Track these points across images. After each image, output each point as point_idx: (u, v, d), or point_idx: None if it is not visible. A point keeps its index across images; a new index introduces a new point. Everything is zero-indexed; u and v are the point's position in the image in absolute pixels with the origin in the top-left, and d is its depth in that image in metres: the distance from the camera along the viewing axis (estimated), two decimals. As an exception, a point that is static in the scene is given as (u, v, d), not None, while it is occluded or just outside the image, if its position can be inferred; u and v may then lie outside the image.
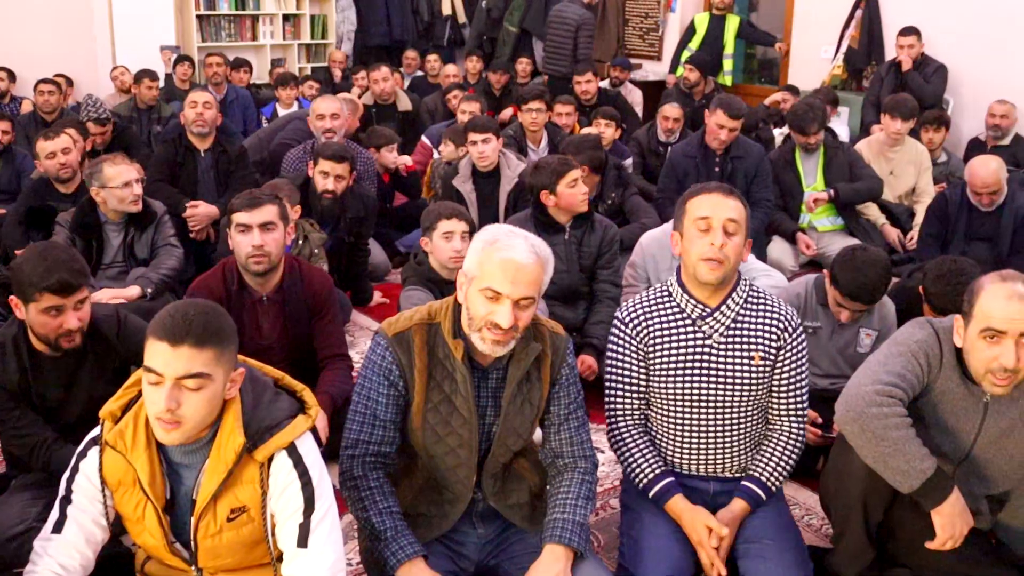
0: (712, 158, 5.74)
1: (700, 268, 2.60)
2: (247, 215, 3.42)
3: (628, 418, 2.78)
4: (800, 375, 2.73)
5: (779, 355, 2.69)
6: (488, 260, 2.31)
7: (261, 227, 3.41)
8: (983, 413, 2.53)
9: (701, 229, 2.59)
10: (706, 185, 2.69)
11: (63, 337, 2.75)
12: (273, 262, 3.43)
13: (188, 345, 2.04)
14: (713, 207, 2.59)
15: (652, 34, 10.34)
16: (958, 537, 2.45)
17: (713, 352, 2.67)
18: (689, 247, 2.63)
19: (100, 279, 4.45)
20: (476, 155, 5.52)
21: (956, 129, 7.00)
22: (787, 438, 2.76)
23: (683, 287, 2.70)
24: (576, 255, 4.34)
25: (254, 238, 3.39)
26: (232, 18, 10.36)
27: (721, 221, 2.57)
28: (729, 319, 2.67)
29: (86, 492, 2.20)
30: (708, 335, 2.67)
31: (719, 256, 2.56)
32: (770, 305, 2.72)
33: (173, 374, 2.04)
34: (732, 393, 2.68)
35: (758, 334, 2.68)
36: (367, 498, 2.41)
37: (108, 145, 6.45)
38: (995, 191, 5.10)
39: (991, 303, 2.40)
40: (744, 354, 2.67)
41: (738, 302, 2.68)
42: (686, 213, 2.65)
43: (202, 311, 2.11)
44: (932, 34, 7.65)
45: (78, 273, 2.75)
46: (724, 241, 2.56)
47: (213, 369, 2.08)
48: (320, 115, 5.85)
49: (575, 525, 2.46)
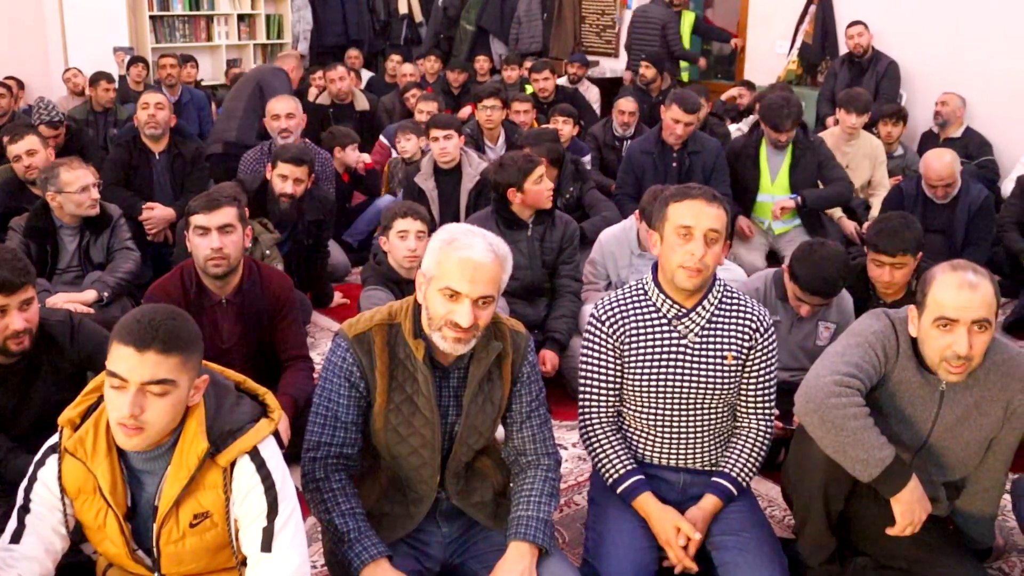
0: (670, 153, 5.77)
1: (679, 275, 2.60)
2: (205, 217, 3.40)
3: (601, 414, 2.79)
4: (769, 374, 2.76)
5: (750, 354, 2.72)
6: (446, 259, 2.31)
7: (220, 229, 3.38)
8: (939, 401, 2.57)
9: (681, 235, 2.59)
10: (689, 190, 2.66)
11: (10, 339, 2.70)
12: (232, 264, 3.41)
13: (154, 351, 2.02)
14: (696, 216, 2.57)
15: (609, 31, 10.38)
16: (917, 523, 2.49)
17: (688, 351, 2.69)
18: (669, 253, 2.62)
19: (56, 284, 4.40)
20: (438, 152, 5.51)
21: (910, 122, 7.11)
22: (756, 434, 2.78)
23: (659, 287, 2.71)
24: (539, 251, 4.35)
25: (212, 240, 3.36)
26: (186, 19, 10.26)
27: (703, 231, 2.57)
28: (704, 319, 2.69)
29: (45, 501, 2.18)
30: (683, 335, 2.69)
31: (699, 265, 2.57)
32: (743, 305, 2.74)
33: (138, 379, 2.02)
34: (704, 391, 2.70)
35: (731, 334, 2.70)
36: (330, 500, 2.40)
37: (61, 149, 6.35)
38: (949, 183, 5.18)
39: (943, 292, 2.44)
40: (718, 354, 2.69)
41: (713, 303, 2.70)
42: (667, 218, 2.63)
43: (169, 317, 2.10)
44: (883, 29, 7.77)
45: (20, 272, 2.71)
46: (704, 251, 2.57)
47: (178, 376, 2.06)
48: (275, 115, 5.80)
49: (539, 522, 2.47)
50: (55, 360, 2.84)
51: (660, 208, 2.67)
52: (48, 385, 2.82)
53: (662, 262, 2.67)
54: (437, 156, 5.53)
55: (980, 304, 2.41)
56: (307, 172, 4.86)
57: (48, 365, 2.83)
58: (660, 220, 2.66)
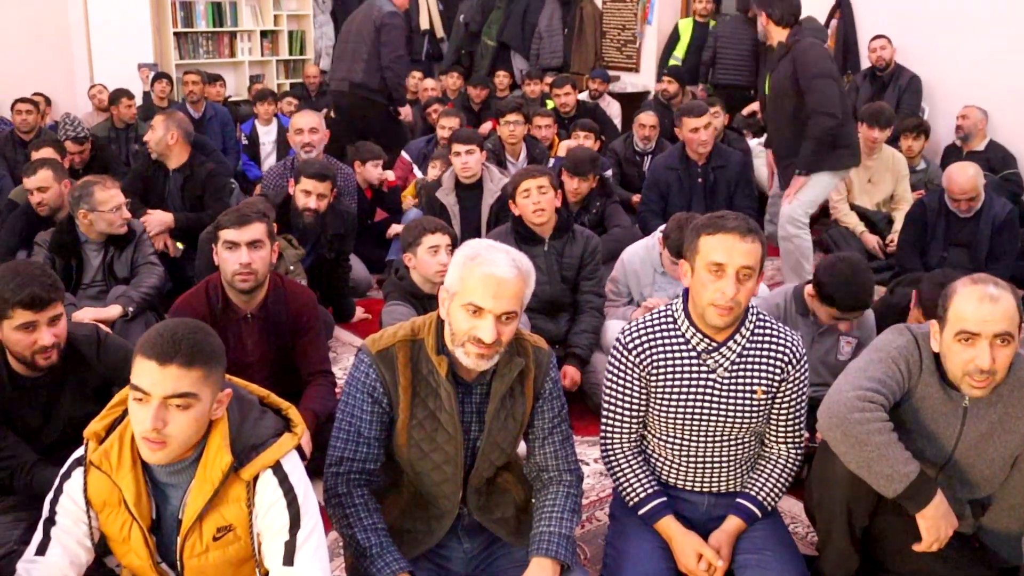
0: (694, 169, 5.77)
1: (709, 312, 2.54)
2: (235, 233, 3.42)
3: (623, 438, 2.77)
4: (800, 403, 2.71)
5: (781, 386, 2.67)
6: (470, 275, 2.31)
7: (249, 245, 3.40)
8: (963, 417, 2.55)
9: (713, 272, 2.51)
10: (723, 221, 2.53)
11: (38, 354, 2.73)
12: (259, 280, 3.43)
13: (176, 364, 2.04)
14: (728, 253, 2.48)
15: (630, 46, 10.39)
16: (943, 539, 2.47)
17: (716, 386, 2.64)
18: (700, 289, 2.54)
19: (80, 299, 4.43)
20: (459, 167, 5.53)
21: (932, 136, 7.09)
22: (784, 460, 2.75)
23: (690, 318, 2.64)
24: (557, 267, 4.35)
25: (242, 256, 3.38)
26: (210, 35, 10.36)
27: (735, 268, 2.48)
28: (735, 354, 2.63)
29: (70, 513, 2.19)
30: (712, 369, 2.64)
31: (730, 304, 2.50)
32: (776, 336, 2.67)
33: (160, 393, 2.04)
34: (732, 424, 2.67)
35: (762, 368, 2.64)
36: (352, 515, 2.41)
37: (86, 165, 6.43)
38: (973, 197, 5.16)
39: (964, 306, 2.43)
40: (747, 388, 2.64)
41: (745, 335, 2.64)
42: (699, 251, 2.54)
43: (191, 331, 2.11)
44: (905, 44, 7.74)
45: (50, 288, 2.74)
46: (736, 289, 2.49)
47: (200, 389, 2.07)
48: (299, 129, 5.83)
49: (561, 538, 2.46)
50: (81, 374, 2.86)
51: (692, 238, 2.58)
52: (73, 399, 2.84)
53: (693, 295, 2.60)
54: (459, 171, 5.55)
55: (1002, 317, 2.39)
56: (330, 187, 4.89)
57: (74, 379, 2.85)
58: (691, 251, 2.58)
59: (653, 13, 10.09)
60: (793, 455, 2.76)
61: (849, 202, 6.41)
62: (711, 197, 5.67)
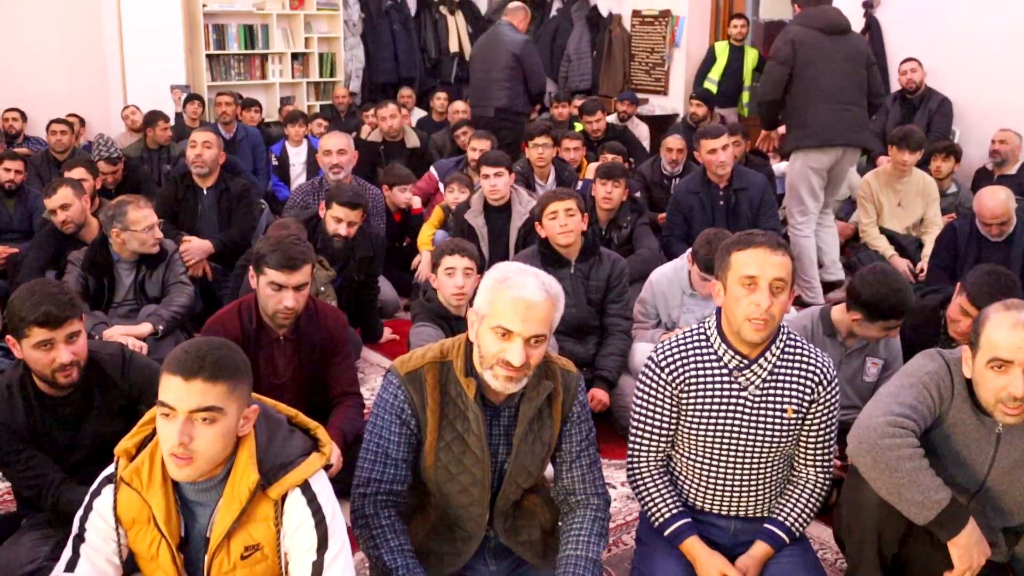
0: (716, 192, 5.76)
1: (745, 328, 2.53)
2: (284, 277, 3.36)
3: (650, 458, 2.75)
4: (831, 426, 2.69)
5: (811, 407, 2.65)
6: (499, 298, 2.31)
7: (295, 288, 3.39)
8: (996, 444, 2.53)
9: (746, 285, 2.51)
10: (752, 237, 2.57)
11: (58, 372, 2.74)
12: (298, 314, 3.44)
13: (201, 379, 2.06)
14: (760, 265, 2.50)
15: (658, 69, 10.41)
16: (975, 568, 2.43)
17: (747, 404, 2.63)
18: (733, 305, 2.54)
19: (112, 317, 4.48)
20: (488, 189, 5.55)
21: (963, 159, 7.02)
22: (813, 485, 2.72)
23: (722, 335, 2.64)
24: (583, 289, 4.34)
25: (287, 299, 3.36)
26: (242, 57, 10.46)
27: (768, 280, 2.49)
28: (766, 371, 2.62)
29: (100, 530, 2.21)
30: (744, 387, 2.63)
31: (765, 316, 2.50)
32: (807, 356, 2.66)
33: (186, 407, 2.06)
34: (761, 444, 2.65)
35: (793, 387, 2.63)
36: (379, 536, 2.41)
37: (119, 185, 6.50)
38: (1004, 221, 5.12)
39: (997, 333, 2.40)
40: (778, 407, 2.63)
41: (775, 353, 2.62)
42: (730, 267, 2.56)
43: (216, 347, 2.13)
44: (936, 66, 7.70)
45: (65, 305, 2.75)
46: (770, 301, 2.50)
47: (225, 403, 2.09)
48: (327, 151, 5.87)
49: (588, 561, 2.46)
50: (107, 393, 2.88)
51: (722, 256, 2.60)
52: (100, 417, 2.86)
53: (727, 313, 2.59)
54: (487, 193, 5.57)
55: (1036, 344, 2.37)
56: (361, 214, 4.89)
57: (100, 398, 2.87)
58: (723, 269, 2.58)
59: (682, 36, 10.11)
60: (822, 479, 2.73)
61: (879, 225, 6.37)
62: (733, 220, 5.65)
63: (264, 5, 10.53)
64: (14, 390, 2.81)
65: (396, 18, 11.37)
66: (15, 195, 6.31)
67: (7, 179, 6.27)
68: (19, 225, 6.22)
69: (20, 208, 6.29)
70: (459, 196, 6.18)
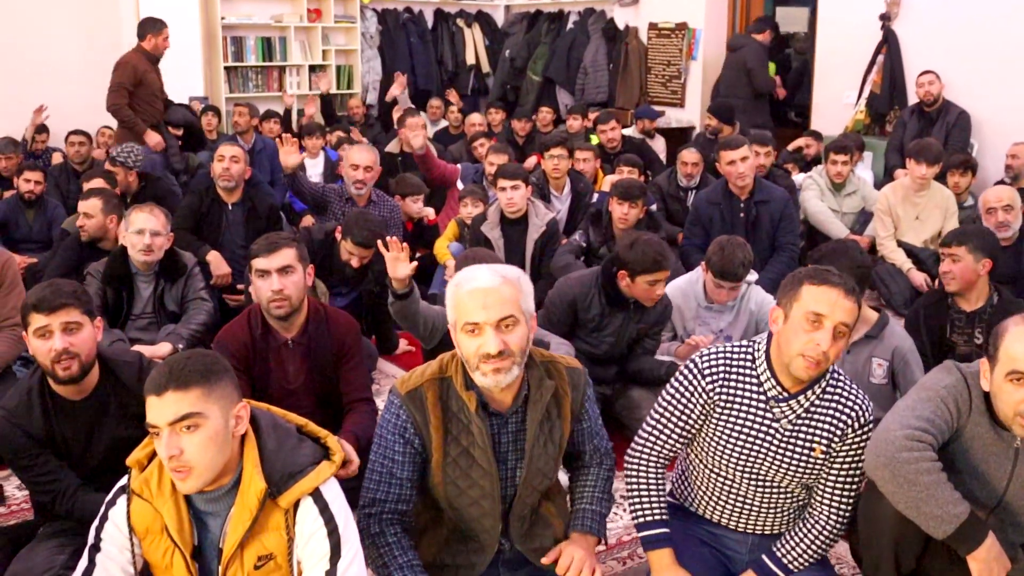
0: (737, 204, 5.75)
1: (797, 362, 2.48)
2: (265, 260, 3.41)
3: (656, 456, 2.71)
4: (856, 468, 2.62)
5: (840, 447, 2.60)
6: (459, 299, 2.33)
7: (279, 271, 3.39)
8: (1014, 458, 2.50)
9: (810, 322, 2.46)
10: (828, 275, 2.50)
11: (56, 363, 2.75)
12: (294, 305, 3.42)
13: (171, 390, 2.09)
14: (831, 306, 2.44)
15: (675, 81, 10.41)
16: (995, 583, 2.41)
17: (777, 436, 2.60)
18: (791, 336, 2.49)
19: (129, 330, 4.49)
20: (504, 201, 5.55)
21: (980, 172, 7.00)
22: (825, 525, 2.65)
23: (769, 362, 2.59)
24: (630, 331, 4.28)
25: (273, 283, 3.38)
26: (259, 69, 10.52)
27: (834, 322, 2.44)
28: (803, 408, 2.58)
29: (115, 540, 2.22)
30: (777, 418, 2.59)
31: (820, 358, 2.45)
32: (846, 396, 2.60)
33: (164, 421, 2.08)
34: (784, 474, 2.63)
35: (825, 426, 2.58)
36: (386, 554, 2.40)
37: (135, 195, 6.51)
38: (1008, 205, 5.17)
39: (1015, 345, 2.38)
40: (807, 444, 2.59)
41: (816, 392, 2.58)
42: (799, 298, 2.49)
43: (184, 357, 2.18)
44: (954, 79, 7.68)
45: (63, 293, 2.78)
46: (831, 344, 2.44)
47: (204, 407, 2.10)
48: (355, 165, 5.84)
49: (599, 515, 2.65)
50: (122, 399, 2.89)
51: (793, 286, 2.53)
52: (115, 423, 2.87)
53: (780, 343, 2.53)
54: (504, 206, 5.57)
55: (1055, 358, 2.35)
56: (373, 251, 4.81)
57: (115, 403, 2.89)
58: (790, 298, 2.52)
59: (698, 49, 10.12)
60: (834, 525, 2.65)
61: (896, 239, 6.35)
62: (753, 232, 5.65)
63: (282, 18, 10.60)
64: (32, 395, 2.83)
65: (413, 30, 11.44)
66: (35, 206, 6.36)
67: (27, 190, 6.32)
68: (38, 235, 6.27)
69: (40, 219, 6.34)
70: (473, 210, 6.19)
